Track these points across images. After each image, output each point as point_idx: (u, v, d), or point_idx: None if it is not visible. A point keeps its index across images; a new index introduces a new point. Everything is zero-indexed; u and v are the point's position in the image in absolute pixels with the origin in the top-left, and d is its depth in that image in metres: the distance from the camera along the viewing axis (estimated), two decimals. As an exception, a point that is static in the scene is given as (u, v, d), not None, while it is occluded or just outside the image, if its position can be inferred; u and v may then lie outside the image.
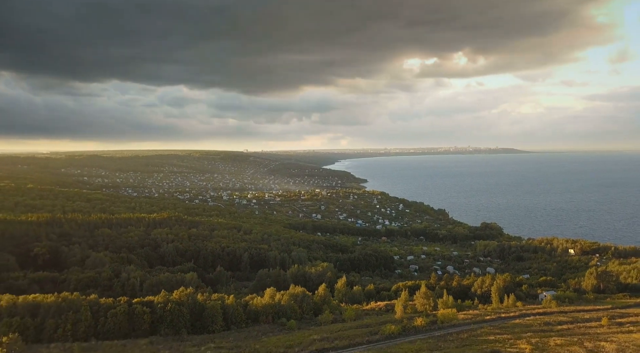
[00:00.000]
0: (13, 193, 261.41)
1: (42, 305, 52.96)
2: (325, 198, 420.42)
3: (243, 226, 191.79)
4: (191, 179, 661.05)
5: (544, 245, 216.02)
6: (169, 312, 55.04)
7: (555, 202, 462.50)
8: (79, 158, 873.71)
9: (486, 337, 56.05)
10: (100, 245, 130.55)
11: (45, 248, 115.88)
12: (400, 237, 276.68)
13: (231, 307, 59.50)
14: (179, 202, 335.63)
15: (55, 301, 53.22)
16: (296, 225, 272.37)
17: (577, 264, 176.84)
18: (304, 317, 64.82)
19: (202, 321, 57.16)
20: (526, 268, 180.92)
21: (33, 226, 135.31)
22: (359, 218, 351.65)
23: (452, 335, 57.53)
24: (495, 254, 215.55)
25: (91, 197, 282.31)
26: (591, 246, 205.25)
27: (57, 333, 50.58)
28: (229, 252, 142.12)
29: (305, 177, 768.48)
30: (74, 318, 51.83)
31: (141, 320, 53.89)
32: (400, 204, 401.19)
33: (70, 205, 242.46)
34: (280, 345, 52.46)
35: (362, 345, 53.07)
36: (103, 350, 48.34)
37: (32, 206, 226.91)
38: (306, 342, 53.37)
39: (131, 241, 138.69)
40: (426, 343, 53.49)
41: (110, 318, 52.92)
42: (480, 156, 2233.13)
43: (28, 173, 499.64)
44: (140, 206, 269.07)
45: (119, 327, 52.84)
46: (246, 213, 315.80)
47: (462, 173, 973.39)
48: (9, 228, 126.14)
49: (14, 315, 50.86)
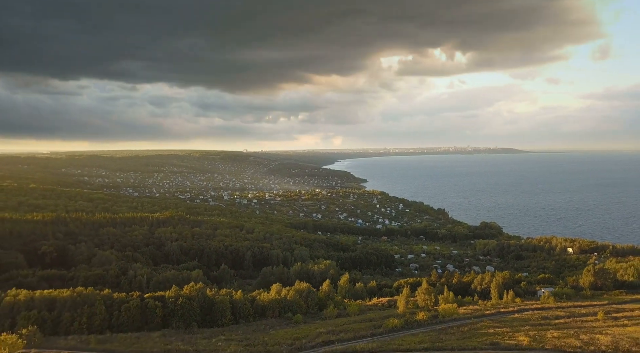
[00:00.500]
0: (16, 193, 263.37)
1: (58, 300, 54.99)
2: (326, 197, 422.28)
3: (245, 225, 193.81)
4: (191, 179, 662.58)
5: (542, 244, 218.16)
6: (180, 306, 57.13)
7: (554, 201, 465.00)
8: (79, 158, 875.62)
9: (486, 330, 58.02)
10: (106, 244, 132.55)
11: (53, 247, 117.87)
12: (400, 236, 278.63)
13: (239, 302, 61.62)
14: (180, 202, 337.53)
15: (71, 296, 55.27)
16: (297, 224, 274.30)
17: (576, 262, 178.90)
18: (309, 311, 66.93)
19: (211, 315, 59.24)
20: (525, 266, 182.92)
21: (39, 225, 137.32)
22: (359, 218, 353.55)
23: (453, 329, 59.49)
24: (494, 253, 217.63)
25: (93, 197, 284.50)
26: (589, 245, 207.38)
27: (73, 326, 52.64)
28: (232, 251, 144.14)
29: (305, 177, 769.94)
30: (89, 311, 53.87)
31: (153, 313, 55.95)
32: (400, 204, 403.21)
33: (73, 205, 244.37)
34: (287, 337, 54.45)
35: (366, 337, 55.00)
36: (118, 341, 50.35)
37: (36, 206, 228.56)
38: (313, 334, 55.36)
39: (136, 239, 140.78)
40: (428, 336, 55.43)
41: (124, 312, 54.98)
42: (479, 156, 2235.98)
43: (29, 173, 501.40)
44: (143, 205, 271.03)
45: (132, 320, 54.90)
46: (247, 212, 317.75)
47: (461, 173, 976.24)
48: (16, 227, 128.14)
49: (31, 308, 52.90)
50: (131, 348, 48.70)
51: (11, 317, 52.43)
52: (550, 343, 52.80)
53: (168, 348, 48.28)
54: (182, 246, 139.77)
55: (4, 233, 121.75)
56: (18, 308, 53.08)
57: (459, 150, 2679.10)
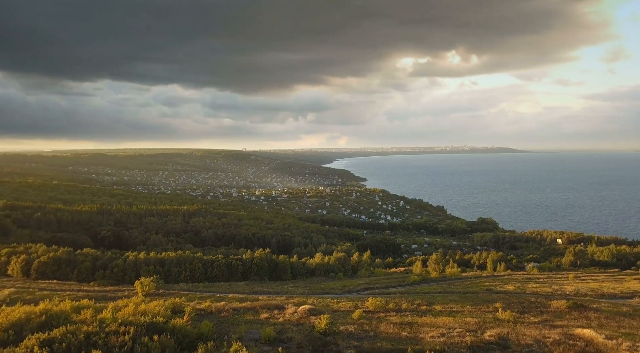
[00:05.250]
0: (43, 189, 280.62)
1: (167, 259, 73.80)
2: (330, 195, 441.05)
3: (264, 217, 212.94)
4: (196, 177, 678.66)
5: (534, 236, 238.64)
6: (255, 264, 76.07)
7: (549, 199, 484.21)
8: (84, 156, 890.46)
9: (483, 283, 77.73)
10: (151, 231, 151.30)
11: (110, 232, 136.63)
12: (403, 230, 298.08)
13: (295, 263, 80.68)
14: (193, 198, 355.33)
15: (175, 256, 74.14)
16: (306, 218, 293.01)
17: (563, 250, 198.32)
18: (346, 273, 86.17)
19: (276, 272, 78.23)
20: (518, 255, 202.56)
21: (91, 215, 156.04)
22: (362, 214, 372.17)
23: (459, 282, 79.28)
24: (490, 243, 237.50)
25: (115, 192, 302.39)
26: (577, 236, 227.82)
27: (180, 277, 71.42)
28: (259, 237, 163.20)
29: (306, 175, 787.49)
30: (190, 267, 72.65)
31: (236, 269, 74.87)
32: (400, 201, 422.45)
33: (97, 199, 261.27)
34: (337, 286, 73.84)
35: (394, 286, 74.57)
36: (216, 286, 69.27)
37: (64, 201, 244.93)
38: (354, 284, 74.87)
39: (175, 227, 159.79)
40: (440, 286, 75.15)
41: (215, 268, 73.80)
42: (477, 155, 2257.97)
43: (37, 171, 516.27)
44: (161, 201, 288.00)
45: (221, 273, 73.72)
46: (257, 208, 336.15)
47: (458, 172, 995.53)
48: (76, 216, 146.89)
49: (149, 264, 71.71)
50: (228, 290, 67.79)
51: (135, 270, 71.32)
52: (529, 290, 72.26)
53: (254, 289, 67.11)
54: (217, 233, 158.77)
55: (68, 221, 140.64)
56: (139, 264, 71.94)
57: (456, 149, 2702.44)
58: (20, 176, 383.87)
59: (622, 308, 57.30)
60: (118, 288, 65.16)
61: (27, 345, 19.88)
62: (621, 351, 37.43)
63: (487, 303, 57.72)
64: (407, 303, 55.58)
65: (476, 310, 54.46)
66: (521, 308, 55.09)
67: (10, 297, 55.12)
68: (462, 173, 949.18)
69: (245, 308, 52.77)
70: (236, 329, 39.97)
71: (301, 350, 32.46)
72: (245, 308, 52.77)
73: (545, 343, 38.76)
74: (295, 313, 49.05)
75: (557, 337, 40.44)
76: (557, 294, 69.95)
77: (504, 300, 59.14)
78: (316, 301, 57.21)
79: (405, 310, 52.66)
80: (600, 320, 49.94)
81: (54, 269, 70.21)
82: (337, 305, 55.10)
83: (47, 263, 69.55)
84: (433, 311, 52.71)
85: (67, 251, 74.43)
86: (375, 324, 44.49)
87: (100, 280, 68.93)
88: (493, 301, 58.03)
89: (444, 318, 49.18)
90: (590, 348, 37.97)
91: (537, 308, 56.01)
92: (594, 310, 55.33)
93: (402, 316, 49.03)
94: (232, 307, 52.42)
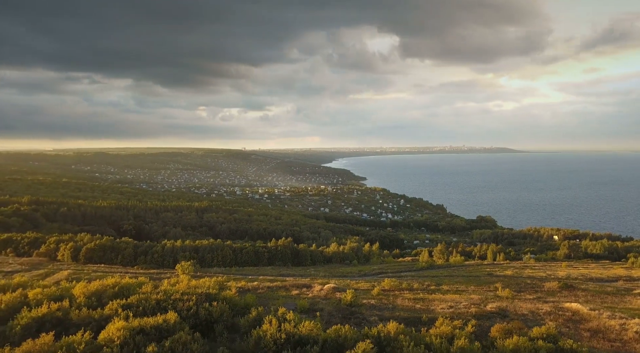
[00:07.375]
0: (55, 186, 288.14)
1: (200, 247, 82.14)
2: (331, 193, 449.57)
3: (272, 214, 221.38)
4: (198, 176, 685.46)
5: (532, 233, 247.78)
6: (279, 251, 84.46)
7: (548, 198, 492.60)
8: (86, 155, 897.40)
9: (484, 269, 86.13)
10: (169, 225, 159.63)
11: (131, 225, 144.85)
12: (404, 228, 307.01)
13: (314, 251, 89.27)
14: (199, 196, 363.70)
15: (208, 244, 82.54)
16: (311, 215, 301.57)
17: (559, 246, 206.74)
18: (359, 261, 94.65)
19: (298, 259, 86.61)
20: (516, 250, 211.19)
21: (111, 210, 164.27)
22: (364, 212, 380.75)
23: (462, 268, 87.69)
24: (489, 240, 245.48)
25: (123, 190, 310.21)
26: (572, 233, 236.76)
27: (213, 263, 79.69)
28: (270, 232, 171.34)
29: (307, 175, 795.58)
30: (221, 254, 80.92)
31: (262, 256, 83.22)
32: (401, 200, 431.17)
33: (108, 196, 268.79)
34: (353, 271, 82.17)
35: (405, 271, 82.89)
36: (246, 270, 77.54)
37: (77, 198, 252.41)
38: (369, 269, 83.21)
39: (191, 222, 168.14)
40: (446, 271, 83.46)
41: (244, 255, 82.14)
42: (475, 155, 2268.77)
43: (41, 169, 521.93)
44: (169, 198, 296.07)
45: (250, 259, 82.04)
46: (262, 206, 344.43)
47: (457, 171, 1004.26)
48: (98, 211, 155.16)
49: (185, 251, 79.97)
50: (257, 273, 76.03)
51: (172, 255, 79.51)
52: (526, 275, 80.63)
53: (280, 272, 75.26)
54: (230, 228, 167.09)
55: (92, 215, 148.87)
56: (176, 250, 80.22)
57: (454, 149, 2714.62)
58: (28, 174, 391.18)
59: (607, 289, 66.14)
60: (160, 271, 73.42)
61: (111, 308, 25.98)
62: (602, 318, 46.16)
63: (488, 284, 66.44)
64: (418, 284, 64.30)
65: (479, 289, 63.27)
66: (518, 288, 63.94)
67: (70, 277, 63.52)
68: (461, 173, 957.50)
69: (277, 287, 61.33)
70: (274, 302, 48.26)
71: (332, 317, 40.28)
72: (277, 287, 61.33)
73: (538, 313, 47.44)
74: (322, 290, 57.63)
75: (549, 309, 49.15)
76: (551, 278, 78.54)
77: (503, 282, 67.88)
78: (337, 282, 65.98)
79: (417, 289, 61.43)
80: (587, 297, 58.70)
81: (100, 255, 78.38)
82: (356, 285, 63.79)
83: (94, 249, 77.73)
84: (441, 290, 61.57)
85: (110, 240, 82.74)
86: (392, 299, 53.14)
87: (142, 264, 77.09)
88: (494, 283, 66.83)
89: (452, 295, 57.97)
90: (577, 317, 46.60)
91: (532, 288, 64.87)
92: (582, 290, 64.18)
93: (415, 293, 57.72)
94: (266, 286, 60.91)
